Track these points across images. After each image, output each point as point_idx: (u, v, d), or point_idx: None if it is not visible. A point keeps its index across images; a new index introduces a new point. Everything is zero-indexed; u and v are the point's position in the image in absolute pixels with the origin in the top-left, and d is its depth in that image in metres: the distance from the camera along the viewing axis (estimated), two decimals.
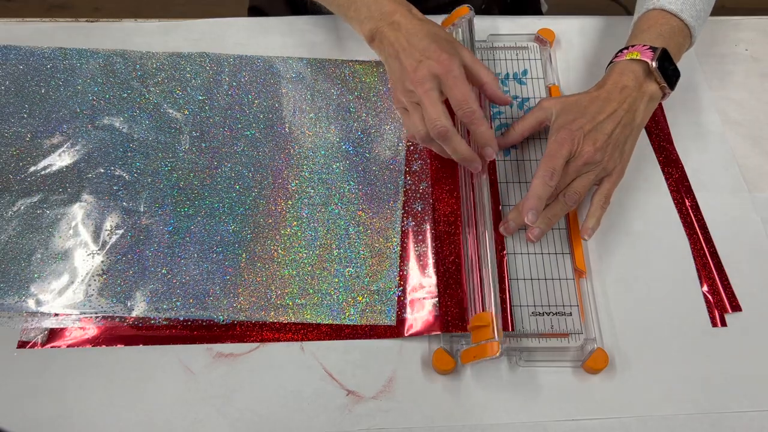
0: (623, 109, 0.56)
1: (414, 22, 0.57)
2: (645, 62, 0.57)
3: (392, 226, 0.58)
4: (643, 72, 0.57)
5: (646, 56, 0.57)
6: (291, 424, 0.50)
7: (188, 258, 0.56)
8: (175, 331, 0.53)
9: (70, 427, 0.49)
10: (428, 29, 0.56)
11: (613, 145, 0.56)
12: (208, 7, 1.70)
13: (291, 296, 0.55)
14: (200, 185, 0.60)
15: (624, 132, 0.57)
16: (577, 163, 0.55)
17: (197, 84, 0.66)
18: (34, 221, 0.58)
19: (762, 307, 0.56)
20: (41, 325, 0.53)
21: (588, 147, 0.55)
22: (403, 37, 0.56)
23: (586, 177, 0.56)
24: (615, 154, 0.56)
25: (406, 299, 0.55)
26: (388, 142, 0.63)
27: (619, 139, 0.56)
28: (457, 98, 0.54)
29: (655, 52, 0.57)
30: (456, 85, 0.54)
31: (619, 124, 0.56)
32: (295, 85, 0.67)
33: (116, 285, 0.55)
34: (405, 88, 0.56)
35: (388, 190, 0.60)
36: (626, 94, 0.57)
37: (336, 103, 0.66)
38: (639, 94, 0.57)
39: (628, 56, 0.58)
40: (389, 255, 0.57)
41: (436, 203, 0.59)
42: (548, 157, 0.54)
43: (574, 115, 0.56)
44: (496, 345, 0.49)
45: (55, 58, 0.67)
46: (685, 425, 0.50)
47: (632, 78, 0.57)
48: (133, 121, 0.63)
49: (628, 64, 0.58)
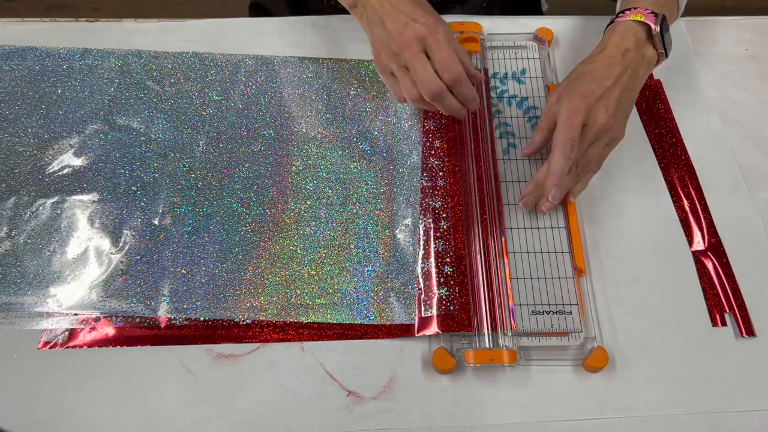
0: (627, 74, 0.56)
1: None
2: (647, 25, 0.57)
3: (411, 225, 0.58)
4: (644, 35, 0.58)
5: (649, 19, 0.57)
6: (291, 424, 0.50)
7: (207, 258, 0.56)
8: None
9: (70, 427, 0.49)
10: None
11: (621, 111, 0.56)
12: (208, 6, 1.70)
13: (311, 296, 0.55)
14: (218, 185, 0.60)
15: (628, 96, 0.57)
16: (591, 130, 0.54)
17: (214, 84, 0.67)
18: (53, 222, 0.58)
19: (762, 306, 0.56)
20: (60, 325, 0.53)
21: (602, 115, 0.54)
22: (387, 2, 0.57)
23: (597, 145, 0.56)
24: (621, 119, 0.57)
25: (423, 298, 0.55)
26: (404, 141, 0.63)
27: (625, 105, 0.57)
28: (443, 61, 0.55)
29: (657, 17, 0.57)
30: (441, 48, 0.55)
31: (625, 89, 0.56)
32: (311, 85, 0.67)
33: (136, 285, 0.55)
34: (391, 51, 0.57)
35: (405, 189, 0.60)
36: (629, 59, 0.57)
37: (352, 103, 0.66)
38: (639, 58, 0.57)
39: (632, 17, 0.57)
40: (408, 253, 0.57)
41: (450, 200, 0.59)
42: (564, 127, 0.53)
43: (582, 81, 0.56)
44: (514, 354, 0.51)
45: (72, 58, 0.67)
46: (685, 425, 0.50)
47: (633, 41, 0.57)
48: (150, 121, 0.64)
49: (631, 26, 0.58)
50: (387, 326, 0.54)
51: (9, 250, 0.56)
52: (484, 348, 0.52)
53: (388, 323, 0.54)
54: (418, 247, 0.57)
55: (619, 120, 0.56)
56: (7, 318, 0.53)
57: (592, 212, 0.60)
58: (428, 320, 0.53)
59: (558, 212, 0.59)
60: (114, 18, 0.72)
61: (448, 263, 0.56)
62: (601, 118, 0.54)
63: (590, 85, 0.55)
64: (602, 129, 0.55)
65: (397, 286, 0.55)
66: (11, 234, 0.57)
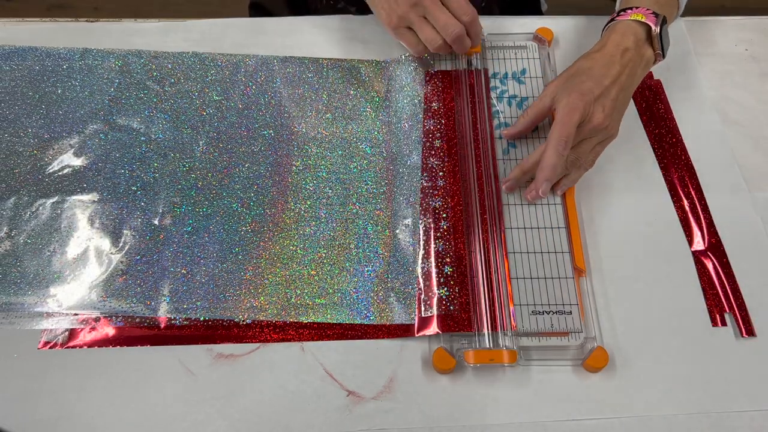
0: (626, 73, 0.57)
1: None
2: (648, 25, 0.57)
3: (411, 225, 0.58)
4: (644, 35, 0.58)
5: (650, 20, 0.57)
6: (291, 424, 0.50)
7: (207, 258, 0.56)
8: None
9: (70, 427, 0.49)
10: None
11: (617, 110, 0.57)
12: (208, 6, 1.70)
13: (311, 296, 0.55)
14: (218, 185, 0.60)
15: (625, 96, 0.57)
16: (586, 128, 0.55)
17: (214, 84, 0.66)
18: (53, 222, 0.58)
19: (762, 306, 0.56)
20: (60, 325, 0.53)
21: (598, 114, 0.55)
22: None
23: (589, 141, 0.57)
24: (616, 119, 0.57)
25: (423, 298, 0.55)
26: (404, 141, 0.63)
27: (621, 104, 0.57)
28: (459, 4, 0.61)
29: (658, 18, 0.57)
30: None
31: (622, 88, 0.56)
32: (311, 85, 0.67)
33: (136, 285, 0.55)
34: (409, 3, 0.61)
35: (405, 189, 0.60)
36: (628, 58, 0.57)
37: (353, 103, 0.66)
38: (638, 58, 0.58)
39: (633, 17, 0.58)
40: (408, 253, 0.57)
41: (450, 200, 0.59)
42: (560, 124, 0.54)
43: (580, 78, 0.56)
44: (514, 354, 0.51)
45: (72, 58, 0.67)
46: (685, 425, 0.50)
47: (633, 40, 0.57)
48: (150, 121, 0.64)
49: (631, 25, 0.58)
50: (387, 326, 0.54)
51: (9, 250, 0.56)
52: (484, 348, 0.52)
53: (388, 323, 0.54)
54: (418, 247, 0.57)
55: (614, 119, 0.56)
56: (7, 318, 0.53)
57: (593, 212, 0.60)
58: (428, 320, 0.53)
59: (558, 212, 0.59)
60: (114, 18, 0.72)
61: (448, 263, 0.56)
62: (597, 118, 0.55)
63: (589, 83, 0.55)
64: (597, 128, 0.55)
65: (397, 286, 0.55)
66: (11, 234, 0.57)
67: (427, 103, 0.66)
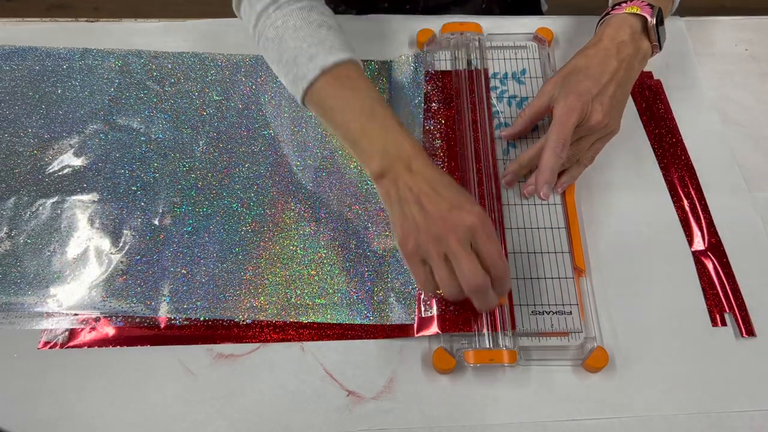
0: (623, 68, 0.56)
1: (434, 170, 0.50)
2: (643, 17, 0.57)
3: None
4: (640, 27, 0.57)
5: (645, 11, 0.57)
6: (291, 424, 0.50)
7: (207, 258, 0.56)
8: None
9: (70, 427, 0.49)
10: (450, 180, 0.50)
11: (615, 108, 0.56)
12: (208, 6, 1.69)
13: (311, 296, 0.55)
14: (218, 185, 0.60)
15: (623, 92, 0.57)
16: (584, 126, 0.55)
17: (214, 84, 0.66)
18: (53, 222, 0.58)
19: (762, 306, 0.56)
20: (60, 325, 0.53)
21: (597, 113, 0.55)
22: (424, 182, 0.49)
23: (587, 139, 0.57)
24: (615, 115, 0.57)
25: (423, 298, 0.55)
26: None
27: (620, 100, 0.57)
28: (493, 255, 0.48)
29: (653, 9, 0.57)
30: (492, 241, 0.48)
31: (620, 84, 0.56)
32: None
33: (136, 285, 0.55)
34: (430, 235, 0.48)
35: None
36: (625, 52, 0.56)
37: None
38: (635, 51, 0.57)
39: (628, 9, 0.57)
40: None
41: None
42: (558, 126, 0.54)
43: (577, 77, 0.56)
44: (514, 354, 0.51)
45: (72, 58, 0.67)
46: (685, 425, 0.50)
47: (629, 33, 0.57)
48: (150, 121, 0.64)
49: (626, 18, 0.57)
50: (387, 326, 0.54)
51: (9, 250, 0.56)
52: (484, 348, 0.52)
53: (388, 323, 0.54)
54: None
55: (613, 116, 0.56)
56: (7, 318, 0.53)
57: (593, 212, 0.60)
58: (428, 320, 0.53)
59: (558, 212, 0.59)
60: (114, 18, 0.72)
61: None
62: (595, 117, 0.55)
63: (586, 82, 0.55)
64: (596, 126, 0.55)
65: (396, 287, 0.55)
66: (11, 234, 0.57)
67: (427, 103, 0.65)
